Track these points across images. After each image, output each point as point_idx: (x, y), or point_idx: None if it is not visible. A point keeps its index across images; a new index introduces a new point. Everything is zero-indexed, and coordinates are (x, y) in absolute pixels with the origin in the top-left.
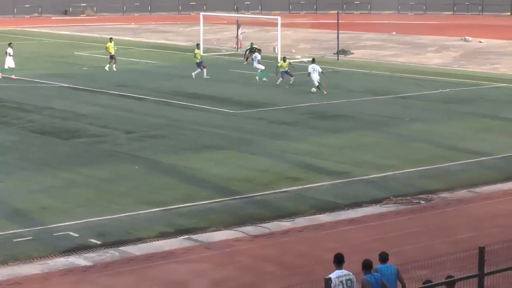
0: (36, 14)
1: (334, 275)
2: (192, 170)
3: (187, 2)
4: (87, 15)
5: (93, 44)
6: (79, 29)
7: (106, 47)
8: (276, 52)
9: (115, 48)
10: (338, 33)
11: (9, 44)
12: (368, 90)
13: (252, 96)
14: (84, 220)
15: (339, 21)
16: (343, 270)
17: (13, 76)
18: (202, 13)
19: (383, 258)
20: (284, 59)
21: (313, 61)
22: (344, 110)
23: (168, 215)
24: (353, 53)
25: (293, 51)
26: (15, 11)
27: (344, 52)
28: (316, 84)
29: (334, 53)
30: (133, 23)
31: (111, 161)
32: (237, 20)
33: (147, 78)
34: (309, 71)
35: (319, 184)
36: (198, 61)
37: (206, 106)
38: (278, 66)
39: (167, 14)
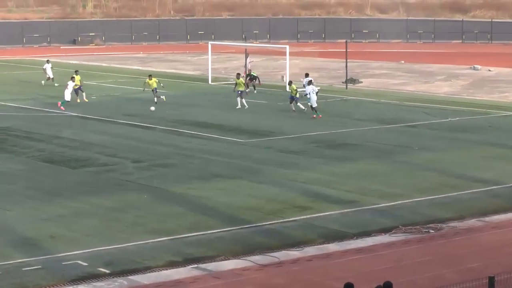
0: (45, 43)
1: None
2: (201, 199)
3: (196, 31)
4: (95, 45)
5: (101, 73)
6: (87, 59)
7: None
8: (285, 80)
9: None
10: (346, 61)
11: (72, 78)
12: (377, 119)
13: (261, 125)
14: (92, 249)
15: (348, 50)
16: None
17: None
18: (210, 42)
19: (388, 287)
20: (290, 83)
21: (310, 82)
22: (353, 138)
23: (177, 244)
24: (361, 82)
25: (302, 79)
26: (24, 41)
27: (353, 80)
28: (315, 105)
29: (342, 82)
30: (141, 52)
31: (119, 190)
32: (246, 49)
33: (156, 107)
34: (308, 91)
35: (327, 213)
36: (241, 89)
37: (215, 135)
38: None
39: (175, 43)
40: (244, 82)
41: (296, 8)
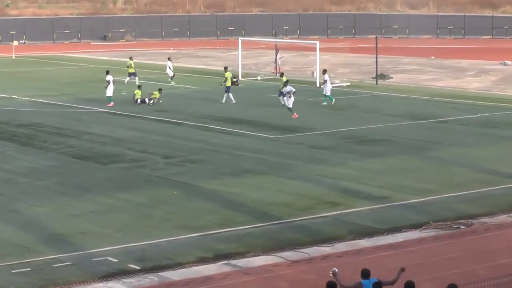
0: (75, 39)
1: None
2: (231, 195)
3: (226, 27)
4: (126, 41)
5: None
6: (118, 55)
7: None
8: (315, 76)
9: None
10: (376, 57)
11: (107, 72)
12: (407, 115)
13: (291, 121)
14: (123, 245)
15: (378, 46)
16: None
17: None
18: (240, 38)
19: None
20: (282, 75)
21: (287, 83)
22: (383, 134)
23: (207, 240)
24: (391, 78)
25: (332, 75)
26: (54, 37)
27: (383, 76)
28: (290, 106)
29: (373, 78)
30: (172, 48)
31: (150, 186)
32: (276, 45)
33: (185, 102)
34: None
35: (358, 209)
36: (228, 85)
37: (245, 131)
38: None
39: (205, 39)
40: (231, 76)
41: (326, 4)
